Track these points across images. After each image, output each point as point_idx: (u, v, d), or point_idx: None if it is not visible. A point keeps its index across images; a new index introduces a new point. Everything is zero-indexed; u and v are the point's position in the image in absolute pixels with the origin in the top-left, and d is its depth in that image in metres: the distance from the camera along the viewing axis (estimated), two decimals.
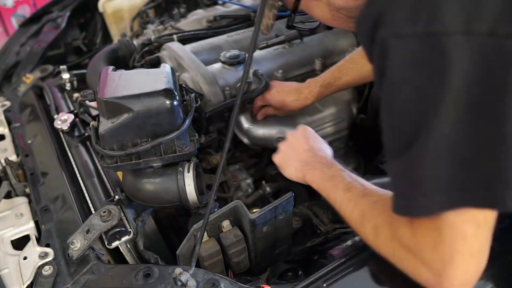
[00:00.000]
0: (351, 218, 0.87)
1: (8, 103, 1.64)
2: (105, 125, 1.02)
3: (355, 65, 1.28)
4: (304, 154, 1.06)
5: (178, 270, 0.85)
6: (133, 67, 1.59)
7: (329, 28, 1.65)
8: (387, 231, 0.76)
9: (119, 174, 1.18)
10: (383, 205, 0.79)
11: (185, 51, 1.52)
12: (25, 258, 0.99)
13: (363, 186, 0.88)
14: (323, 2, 0.80)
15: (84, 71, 1.70)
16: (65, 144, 1.40)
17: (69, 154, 1.36)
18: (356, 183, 0.90)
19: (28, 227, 1.11)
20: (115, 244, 1.01)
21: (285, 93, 1.37)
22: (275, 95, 1.38)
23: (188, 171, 1.07)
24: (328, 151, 1.08)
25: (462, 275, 0.66)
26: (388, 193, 0.84)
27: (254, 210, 1.01)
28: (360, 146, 1.65)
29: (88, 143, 1.37)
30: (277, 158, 1.14)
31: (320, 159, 1.03)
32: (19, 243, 1.06)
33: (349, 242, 1.09)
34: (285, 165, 1.11)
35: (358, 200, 0.85)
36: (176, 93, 1.04)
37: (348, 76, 1.30)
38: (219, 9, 1.89)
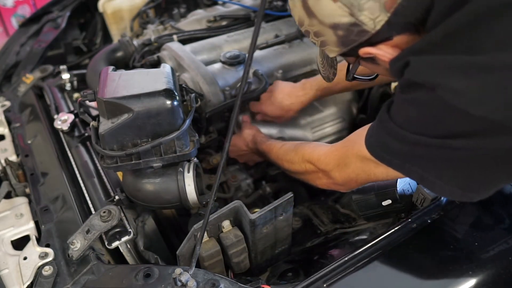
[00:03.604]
0: (280, 151, 1.22)
1: (8, 103, 1.64)
2: (105, 125, 1.02)
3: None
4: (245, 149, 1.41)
5: (178, 270, 0.85)
6: (133, 67, 1.59)
7: None
8: (299, 157, 1.12)
9: (119, 174, 1.17)
10: (293, 145, 1.18)
11: (185, 51, 1.52)
12: (25, 258, 0.99)
13: (281, 144, 1.24)
14: (382, 67, 0.88)
15: (84, 71, 1.70)
16: (65, 144, 1.40)
17: (69, 154, 1.36)
18: (275, 145, 1.26)
19: (28, 227, 1.11)
20: (115, 244, 1.01)
21: (280, 98, 1.39)
22: (271, 107, 1.40)
23: (188, 171, 1.07)
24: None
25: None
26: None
27: (254, 210, 1.01)
28: None
29: (88, 143, 1.37)
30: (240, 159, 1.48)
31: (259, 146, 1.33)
32: (19, 243, 1.06)
33: (349, 243, 1.10)
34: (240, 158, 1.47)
35: (289, 144, 1.21)
36: (176, 93, 1.04)
37: (345, 82, 1.31)
38: (219, 9, 1.89)
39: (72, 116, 1.41)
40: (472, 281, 0.85)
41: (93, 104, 1.36)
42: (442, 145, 0.74)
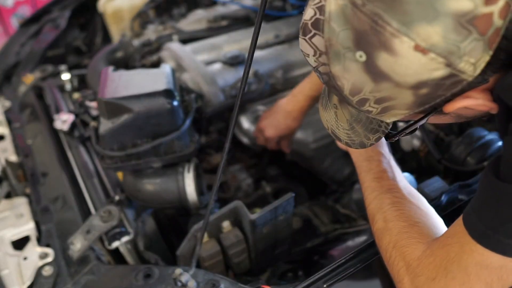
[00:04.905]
0: (368, 208, 0.88)
1: (8, 103, 1.64)
2: (105, 125, 1.02)
3: None
4: None
5: (178, 270, 0.85)
6: (133, 67, 1.59)
7: None
8: (393, 238, 0.78)
9: (119, 174, 1.18)
10: (399, 209, 0.81)
11: (185, 51, 1.52)
12: (25, 258, 0.99)
13: (393, 179, 0.89)
14: (450, 116, 0.70)
15: (84, 71, 1.70)
16: (65, 144, 1.40)
17: (69, 155, 1.36)
18: (389, 173, 0.90)
19: (28, 227, 1.11)
20: (115, 244, 1.01)
21: (281, 121, 1.33)
22: (274, 132, 1.34)
23: (188, 172, 1.07)
24: None
25: None
26: (414, 192, 0.87)
27: (255, 211, 1.01)
28: None
29: (88, 143, 1.37)
30: None
31: None
32: (19, 243, 1.06)
33: (349, 243, 1.10)
34: None
35: (381, 194, 0.86)
36: (176, 94, 1.04)
37: None
38: (219, 9, 1.89)
39: (72, 116, 1.41)
40: None
41: (93, 104, 1.36)
42: None
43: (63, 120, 1.41)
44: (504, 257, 0.61)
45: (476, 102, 0.63)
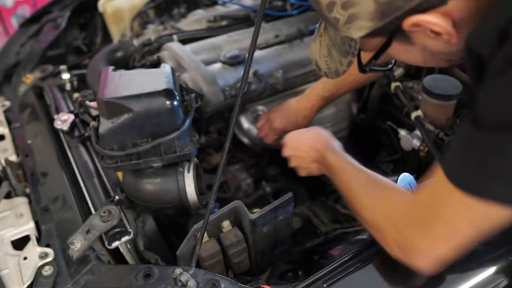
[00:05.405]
0: (357, 215, 0.90)
1: (8, 103, 1.64)
2: (105, 125, 1.02)
3: (351, 77, 1.26)
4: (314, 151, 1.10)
5: (178, 270, 0.85)
6: (133, 67, 1.59)
7: None
8: (375, 208, 0.82)
9: (119, 174, 1.18)
10: (369, 188, 0.88)
11: (185, 51, 1.52)
12: (25, 258, 0.99)
13: (352, 176, 0.95)
14: (416, 48, 0.73)
15: (84, 71, 1.70)
16: (65, 144, 1.40)
17: (69, 154, 1.36)
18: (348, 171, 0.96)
19: (28, 227, 1.11)
20: (115, 244, 1.02)
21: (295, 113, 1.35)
22: (282, 123, 1.34)
23: (188, 171, 1.07)
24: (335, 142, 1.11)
25: (434, 256, 0.72)
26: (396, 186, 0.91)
27: (254, 210, 1.01)
28: (360, 146, 1.65)
29: (88, 143, 1.37)
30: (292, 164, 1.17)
31: (330, 147, 1.06)
32: (19, 243, 1.06)
33: (349, 243, 1.10)
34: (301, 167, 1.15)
35: (365, 175, 0.92)
36: (176, 93, 1.04)
37: (345, 87, 1.32)
38: (219, 9, 1.89)
39: (72, 116, 1.42)
40: (472, 281, 0.85)
41: (93, 104, 1.36)
42: None
43: (63, 120, 1.41)
44: (485, 199, 0.63)
45: (432, 20, 0.65)
